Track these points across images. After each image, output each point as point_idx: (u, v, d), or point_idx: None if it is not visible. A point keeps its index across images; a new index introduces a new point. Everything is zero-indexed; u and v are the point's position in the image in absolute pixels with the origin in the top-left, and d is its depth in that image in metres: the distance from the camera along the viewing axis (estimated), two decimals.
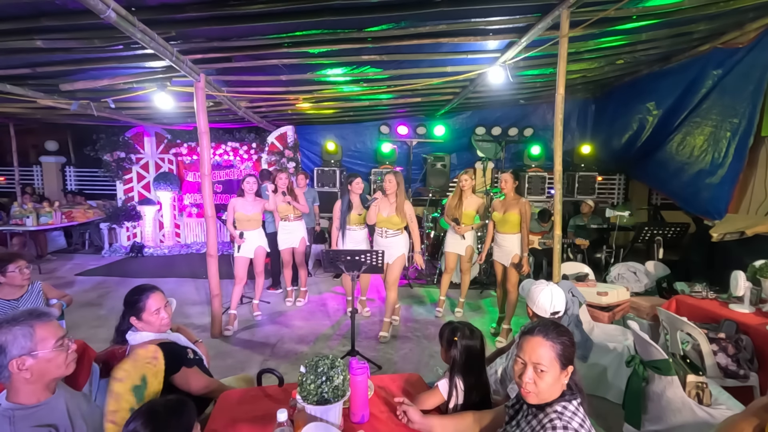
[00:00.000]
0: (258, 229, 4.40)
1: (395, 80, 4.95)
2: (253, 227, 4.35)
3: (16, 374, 1.35)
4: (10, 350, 1.34)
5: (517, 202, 3.95)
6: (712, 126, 4.51)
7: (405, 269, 6.18)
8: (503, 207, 4.02)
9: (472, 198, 4.41)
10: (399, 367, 3.46)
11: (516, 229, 3.96)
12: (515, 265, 3.94)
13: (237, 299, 4.31)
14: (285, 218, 4.72)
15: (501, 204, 4.06)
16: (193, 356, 1.95)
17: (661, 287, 4.07)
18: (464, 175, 4.38)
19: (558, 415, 1.28)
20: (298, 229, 4.77)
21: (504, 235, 4.02)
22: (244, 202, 4.30)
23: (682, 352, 2.66)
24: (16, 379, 1.36)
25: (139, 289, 1.94)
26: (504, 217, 3.98)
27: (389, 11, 3.05)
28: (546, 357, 1.32)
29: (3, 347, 1.34)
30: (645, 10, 3.43)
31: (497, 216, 4.05)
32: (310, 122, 7.73)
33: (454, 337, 1.82)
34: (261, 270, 4.48)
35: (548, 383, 1.32)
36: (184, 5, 2.84)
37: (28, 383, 1.37)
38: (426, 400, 1.75)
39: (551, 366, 1.31)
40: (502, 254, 4.06)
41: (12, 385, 1.37)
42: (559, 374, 1.32)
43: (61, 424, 1.38)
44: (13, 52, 3.48)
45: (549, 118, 7.28)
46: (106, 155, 7.67)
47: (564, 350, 1.33)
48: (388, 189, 3.96)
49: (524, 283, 2.26)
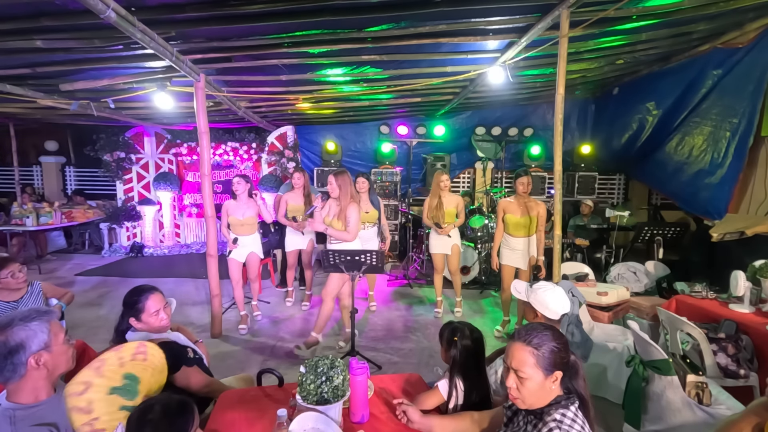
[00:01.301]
0: (253, 235, 4.22)
1: (395, 80, 4.94)
2: (247, 232, 4.17)
3: (32, 370, 1.36)
4: (30, 346, 1.36)
5: (535, 205, 3.93)
6: (712, 126, 4.51)
7: (405, 269, 6.20)
8: (519, 209, 3.93)
9: (450, 196, 4.45)
10: (399, 367, 3.46)
11: (531, 231, 3.96)
12: (534, 267, 3.95)
13: (241, 300, 4.27)
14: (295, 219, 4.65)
15: (516, 206, 3.95)
16: (194, 355, 1.95)
17: (661, 287, 4.07)
18: (444, 175, 4.46)
19: (557, 424, 1.23)
20: (307, 231, 4.71)
21: (519, 238, 3.96)
22: (236, 205, 4.14)
23: (682, 352, 2.67)
24: (30, 375, 1.37)
25: (139, 290, 1.94)
26: (520, 220, 3.91)
27: (389, 11, 3.05)
28: (526, 363, 1.28)
29: (23, 344, 1.35)
30: (645, 10, 3.43)
31: (513, 219, 3.93)
32: (310, 122, 7.73)
33: (454, 338, 1.82)
34: (254, 276, 4.36)
35: (530, 389, 1.28)
36: (184, 5, 2.84)
37: (41, 379, 1.39)
38: (426, 400, 1.76)
39: (533, 372, 1.28)
40: (515, 257, 3.98)
41: (19, 384, 1.37)
42: (544, 380, 1.28)
43: (61, 423, 1.39)
44: (13, 52, 3.48)
45: (549, 118, 7.28)
46: (106, 155, 7.67)
47: (548, 356, 1.28)
48: (331, 193, 3.59)
49: (517, 284, 2.13)
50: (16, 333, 1.35)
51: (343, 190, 3.51)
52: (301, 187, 4.60)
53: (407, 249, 6.55)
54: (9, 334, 1.35)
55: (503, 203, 4.05)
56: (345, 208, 3.49)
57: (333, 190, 3.54)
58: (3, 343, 1.33)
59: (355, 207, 3.50)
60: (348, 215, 3.45)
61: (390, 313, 4.73)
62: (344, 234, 3.46)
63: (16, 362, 1.34)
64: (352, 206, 3.48)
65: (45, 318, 1.42)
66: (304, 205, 4.57)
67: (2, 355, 1.33)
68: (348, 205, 3.50)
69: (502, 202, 4.07)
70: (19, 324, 1.37)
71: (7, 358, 1.33)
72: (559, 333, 1.37)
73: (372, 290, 4.82)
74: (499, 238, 4.10)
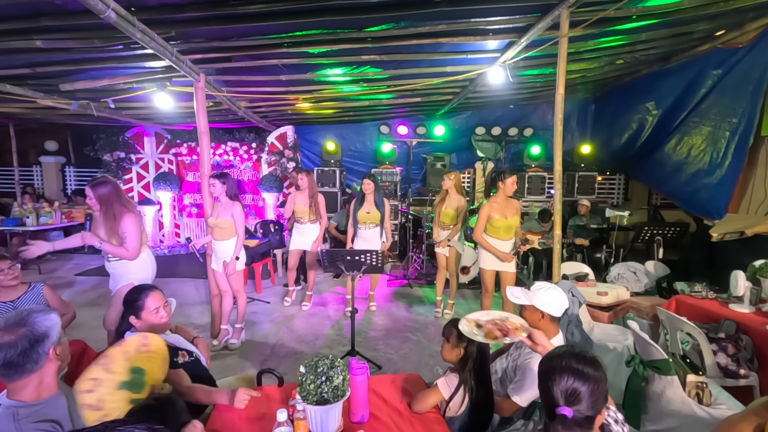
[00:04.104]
0: (231, 240, 3.68)
1: (395, 80, 4.95)
2: (223, 236, 3.67)
3: (50, 361, 1.38)
4: (52, 335, 1.38)
5: (516, 204, 3.87)
6: (712, 126, 4.51)
7: (405, 269, 6.20)
8: (504, 212, 3.75)
9: (454, 198, 4.43)
10: (399, 367, 3.46)
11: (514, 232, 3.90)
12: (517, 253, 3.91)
13: (227, 312, 3.89)
14: (300, 221, 4.63)
15: (502, 208, 3.75)
16: (188, 358, 1.94)
17: (661, 287, 4.07)
18: (451, 173, 4.45)
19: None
20: (312, 231, 4.66)
21: (506, 242, 3.80)
22: (216, 205, 3.79)
23: (682, 352, 2.67)
24: (45, 367, 1.38)
25: (138, 289, 1.96)
26: (510, 222, 3.76)
27: (389, 11, 3.05)
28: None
29: (47, 333, 1.37)
30: (645, 10, 3.43)
31: (502, 222, 3.72)
32: (310, 122, 7.73)
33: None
34: (239, 288, 3.82)
35: None
36: (184, 5, 2.84)
37: (49, 373, 1.40)
38: (425, 399, 1.75)
39: None
40: (499, 261, 3.78)
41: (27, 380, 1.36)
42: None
43: (63, 420, 1.40)
44: (13, 52, 3.48)
45: (549, 118, 7.28)
46: (106, 155, 7.67)
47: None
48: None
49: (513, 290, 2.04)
50: (41, 323, 1.37)
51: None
52: (306, 188, 4.59)
53: (407, 249, 6.55)
54: (33, 324, 1.36)
55: (489, 207, 3.77)
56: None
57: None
58: (28, 334, 1.34)
59: (133, 219, 2.93)
60: (124, 229, 2.89)
61: (390, 313, 4.73)
62: (121, 250, 2.89)
63: (41, 352, 1.36)
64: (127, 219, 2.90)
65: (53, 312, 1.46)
66: (309, 207, 4.56)
67: (29, 345, 1.34)
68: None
69: (487, 206, 3.78)
70: (40, 315, 1.39)
71: (34, 347, 1.34)
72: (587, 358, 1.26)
73: (373, 290, 4.83)
74: (483, 241, 3.80)
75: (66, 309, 2.75)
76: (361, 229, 4.41)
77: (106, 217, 2.87)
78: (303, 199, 4.58)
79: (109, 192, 2.89)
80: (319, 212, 4.64)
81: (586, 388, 1.15)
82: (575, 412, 1.13)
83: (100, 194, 2.85)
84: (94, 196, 2.85)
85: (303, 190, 4.59)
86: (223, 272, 3.73)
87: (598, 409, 1.16)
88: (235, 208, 3.65)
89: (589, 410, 1.15)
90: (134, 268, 3.00)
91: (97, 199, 2.85)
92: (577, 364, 1.18)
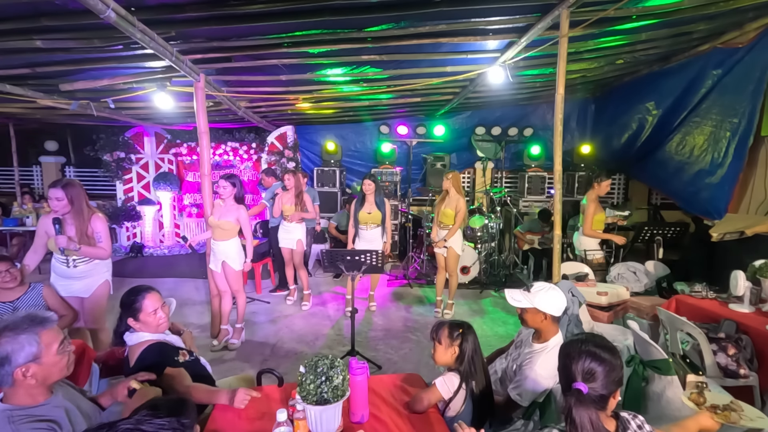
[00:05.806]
0: (230, 240, 3.72)
1: (395, 80, 4.94)
2: (223, 237, 3.71)
3: (20, 381, 1.35)
4: (15, 359, 1.34)
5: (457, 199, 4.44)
6: (712, 126, 4.51)
7: (405, 269, 6.20)
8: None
9: (453, 198, 4.49)
10: (399, 367, 3.46)
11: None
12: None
13: (227, 313, 3.92)
14: (286, 219, 4.72)
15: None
16: (188, 358, 1.94)
17: (661, 287, 4.07)
18: (450, 173, 4.56)
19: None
20: (296, 230, 4.73)
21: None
22: (218, 205, 3.84)
23: (682, 352, 2.67)
24: (20, 385, 1.36)
25: (136, 290, 1.94)
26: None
27: (389, 11, 3.05)
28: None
29: (8, 357, 1.33)
30: (645, 10, 3.43)
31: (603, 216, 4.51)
32: (310, 122, 7.72)
33: (459, 329, 1.82)
34: (238, 288, 3.87)
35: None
36: (184, 5, 2.84)
37: (30, 388, 1.37)
38: (423, 399, 1.75)
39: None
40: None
41: (12, 390, 1.37)
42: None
43: (62, 421, 1.39)
44: (13, 52, 3.47)
45: (549, 118, 7.27)
46: (106, 155, 7.66)
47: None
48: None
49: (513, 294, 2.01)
50: (2, 346, 1.33)
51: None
52: (292, 188, 4.69)
53: (407, 249, 6.55)
54: None
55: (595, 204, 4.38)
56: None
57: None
58: None
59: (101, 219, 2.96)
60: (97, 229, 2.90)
61: (390, 313, 4.73)
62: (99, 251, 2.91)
63: (2, 373, 1.33)
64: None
65: (37, 329, 1.38)
66: (294, 206, 4.66)
67: None
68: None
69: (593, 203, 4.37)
70: (8, 336, 1.34)
71: None
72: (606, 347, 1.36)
73: (373, 290, 4.84)
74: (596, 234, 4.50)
75: (66, 310, 2.74)
76: (362, 229, 4.43)
77: (77, 218, 2.81)
78: (289, 199, 4.67)
79: (79, 192, 2.83)
80: (305, 209, 4.72)
81: (602, 369, 1.26)
82: (590, 389, 1.24)
83: (72, 195, 2.77)
84: (67, 197, 2.75)
85: (289, 189, 4.69)
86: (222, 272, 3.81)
87: (611, 390, 1.27)
88: (241, 212, 3.73)
89: (603, 389, 1.25)
90: (104, 267, 3.00)
91: (69, 200, 2.76)
92: (596, 348, 1.31)
